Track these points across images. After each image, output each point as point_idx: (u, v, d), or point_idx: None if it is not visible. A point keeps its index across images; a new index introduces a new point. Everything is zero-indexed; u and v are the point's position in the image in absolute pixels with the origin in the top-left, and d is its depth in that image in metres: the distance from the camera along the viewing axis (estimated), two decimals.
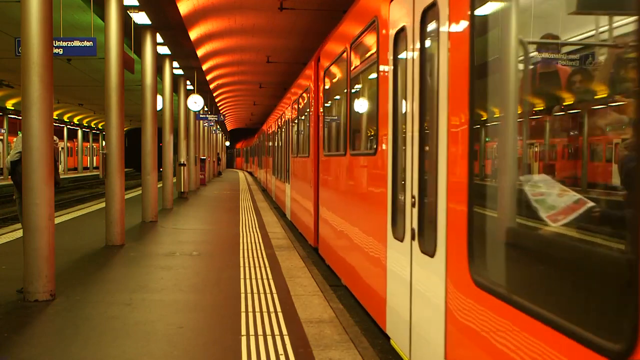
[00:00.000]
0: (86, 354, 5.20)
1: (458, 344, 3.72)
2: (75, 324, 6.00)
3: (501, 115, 3.42)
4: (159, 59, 17.53)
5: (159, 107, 16.07)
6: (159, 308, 6.64)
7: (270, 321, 6.09)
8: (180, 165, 21.61)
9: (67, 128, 57.36)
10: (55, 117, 29.91)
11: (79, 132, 61.90)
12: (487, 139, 3.66)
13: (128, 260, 9.55)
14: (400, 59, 5.11)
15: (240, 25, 19.71)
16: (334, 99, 9.45)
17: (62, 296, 7.01)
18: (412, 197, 4.57)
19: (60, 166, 28.42)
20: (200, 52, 20.91)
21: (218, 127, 47.83)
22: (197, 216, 16.58)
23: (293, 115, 14.92)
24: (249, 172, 55.79)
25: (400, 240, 4.92)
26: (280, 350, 5.23)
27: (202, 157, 30.48)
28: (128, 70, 11.43)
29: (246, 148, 64.87)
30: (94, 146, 68.72)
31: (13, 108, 43.74)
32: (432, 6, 4.23)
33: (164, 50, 17.86)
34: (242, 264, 9.06)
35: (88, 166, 65.98)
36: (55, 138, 7.55)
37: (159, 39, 15.96)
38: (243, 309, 6.53)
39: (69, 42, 10.33)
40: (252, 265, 9.03)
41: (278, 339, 5.54)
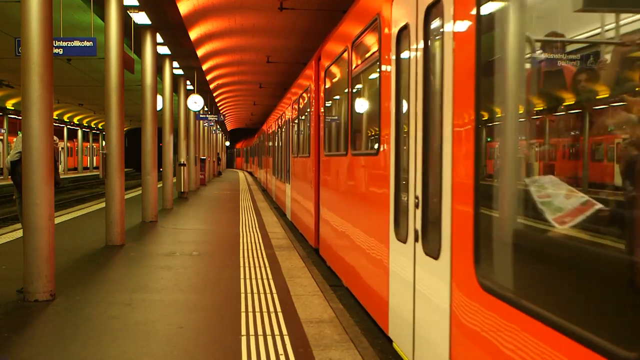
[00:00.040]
0: (86, 354, 5.20)
1: (463, 348, 3.64)
2: (75, 324, 6.00)
3: (508, 115, 3.35)
4: (159, 59, 17.53)
5: (159, 107, 16.07)
6: (159, 308, 6.64)
7: (270, 321, 6.08)
8: (180, 165, 21.61)
9: (67, 128, 57.38)
10: (55, 117, 29.89)
11: (79, 132, 61.91)
12: (489, 139, 3.58)
13: (128, 260, 9.55)
14: (403, 58, 5.02)
15: (240, 25, 19.70)
16: (335, 98, 9.36)
17: (62, 296, 7.01)
18: (416, 198, 4.49)
19: (60, 166, 28.41)
20: (200, 52, 20.91)
21: (218, 127, 47.82)
22: (197, 216, 16.58)
23: (293, 115, 14.89)
24: (249, 172, 55.78)
25: (403, 241, 4.85)
26: (280, 350, 5.23)
27: (202, 157, 30.48)
28: (128, 70, 11.43)
29: (246, 148, 64.86)
30: (94, 146, 68.73)
31: (13, 108, 43.75)
32: (436, 3, 4.14)
33: (164, 50, 17.86)
34: (242, 264, 9.06)
35: (88, 166, 65.99)
36: (55, 138, 7.55)
37: (159, 39, 15.96)
38: (243, 309, 6.53)
39: (69, 42, 10.33)
40: (252, 265, 9.03)
41: (278, 339, 5.54)
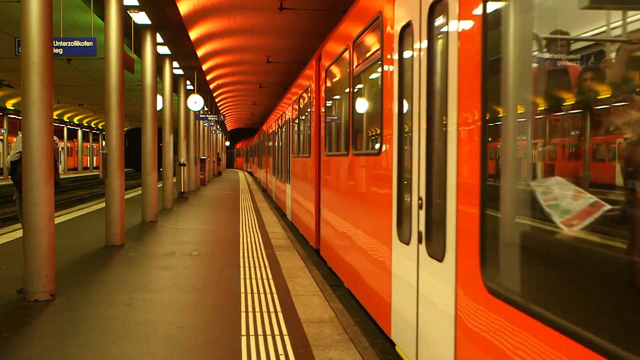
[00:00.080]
0: (86, 354, 5.20)
1: (469, 353, 3.57)
2: (75, 324, 6.00)
3: (516, 114, 3.28)
4: (159, 59, 17.54)
5: (159, 107, 16.07)
6: (159, 308, 6.64)
7: (270, 321, 6.08)
8: (180, 165, 21.61)
9: (67, 128, 57.39)
10: (55, 117, 29.90)
11: (79, 132, 61.91)
12: (495, 139, 3.48)
13: (128, 260, 9.55)
14: (406, 56, 4.91)
15: (240, 25, 19.70)
16: (336, 98, 9.29)
17: (62, 296, 7.01)
18: (419, 199, 4.40)
19: (60, 166, 28.40)
20: (200, 52, 20.91)
21: (218, 127, 47.83)
22: (197, 216, 16.58)
23: (294, 115, 14.86)
24: (249, 172, 55.78)
25: (406, 243, 4.75)
26: (280, 350, 5.22)
27: (202, 157, 30.48)
28: (128, 70, 11.43)
29: (246, 148, 64.87)
30: (94, 146, 68.74)
31: (13, 108, 43.75)
32: (440, 0, 4.04)
33: (164, 50, 17.86)
34: (242, 264, 9.06)
35: (88, 166, 66.00)
36: (55, 138, 7.55)
37: (159, 39, 15.96)
38: (243, 309, 6.53)
39: (69, 42, 10.33)
40: (252, 265, 9.03)
41: (278, 339, 5.54)
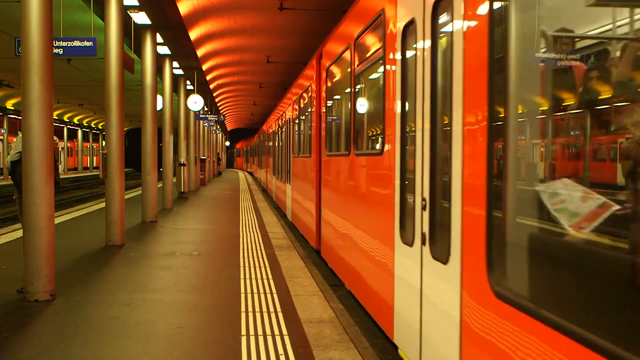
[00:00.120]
0: (86, 354, 5.20)
1: (475, 359, 3.48)
2: (75, 324, 6.00)
3: (523, 113, 3.21)
4: (159, 59, 17.54)
5: (159, 107, 16.08)
6: (159, 308, 6.64)
7: (270, 321, 6.08)
8: (180, 165, 21.62)
9: (67, 128, 57.39)
10: (55, 117, 29.89)
11: (79, 132, 61.93)
12: (501, 138, 3.35)
13: (128, 260, 9.55)
14: (409, 54, 4.82)
15: (240, 25, 19.70)
16: (337, 97, 9.23)
17: (62, 296, 7.01)
18: (423, 200, 4.31)
19: (60, 166, 28.42)
20: (200, 52, 20.91)
21: (218, 127, 47.83)
22: (197, 216, 16.58)
23: (294, 115, 14.83)
24: (249, 172, 55.79)
25: (409, 245, 4.66)
26: (280, 350, 5.22)
27: (202, 157, 30.49)
28: (128, 70, 11.43)
29: (246, 148, 64.88)
30: (94, 146, 68.75)
31: (13, 108, 43.76)
32: None
33: (164, 50, 17.86)
34: (242, 264, 9.06)
35: (88, 166, 66.01)
36: (55, 138, 7.55)
37: (159, 39, 15.96)
38: (243, 309, 6.53)
39: (69, 42, 10.33)
40: (252, 265, 9.03)
41: (278, 339, 5.54)
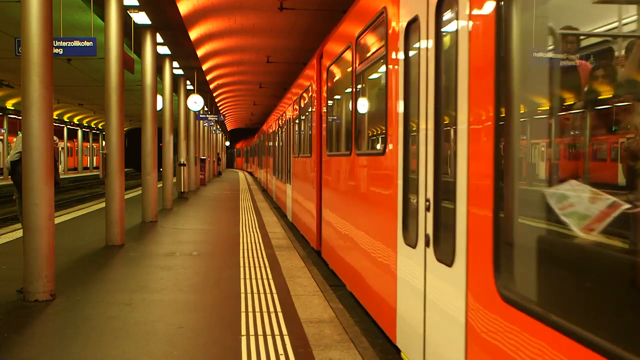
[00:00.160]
0: (86, 354, 5.20)
1: None
2: (75, 324, 6.00)
3: (530, 112, 3.16)
4: (159, 59, 17.54)
5: (159, 107, 16.08)
6: (159, 308, 6.64)
7: (270, 321, 6.08)
8: (180, 165, 21.62)
9: (67, 128, 57.40)
10: (55, 117, 29.88)
11: (79, 132, 61.94)
12: (507, 138, 3.25)
13: (128, 260, 9.55)
14: (413, 53, 4.72)
15: (240, 25, 19.71)
16: (338, 97, 9.17)
17: (62, 296, 7.01)
18: (427, 201, 4.23)
19: (60, 166, 28.40)
20: (200, 52, 20.92)
21: (218, 127, 47.83)
22: (197, 216, 16.58)
23: (294, 114, 14.81)
24: (249, 172, 55.79)
25: (413, 246, 4.58)
26: (280, 350, 5.22)
27: (202, 157, 30.49)
28: (128, 70, 11.43)
29: (246, 148, 64.88)
30: (94, 146, 68.75)
31: (13, 108, 43.76)
32: None
33: (164, 50, 17.86)
34: (242, 264, 9.06)
35: (88, 166, 66.02)
36: (55, 138, 7.55)
37: (159, 39, 15.96)
38: (243, 309, 6.53)
39: (69, 42, 10.33)
40: (252, 265, 9.03)
41: (278, 339, 5.54)
